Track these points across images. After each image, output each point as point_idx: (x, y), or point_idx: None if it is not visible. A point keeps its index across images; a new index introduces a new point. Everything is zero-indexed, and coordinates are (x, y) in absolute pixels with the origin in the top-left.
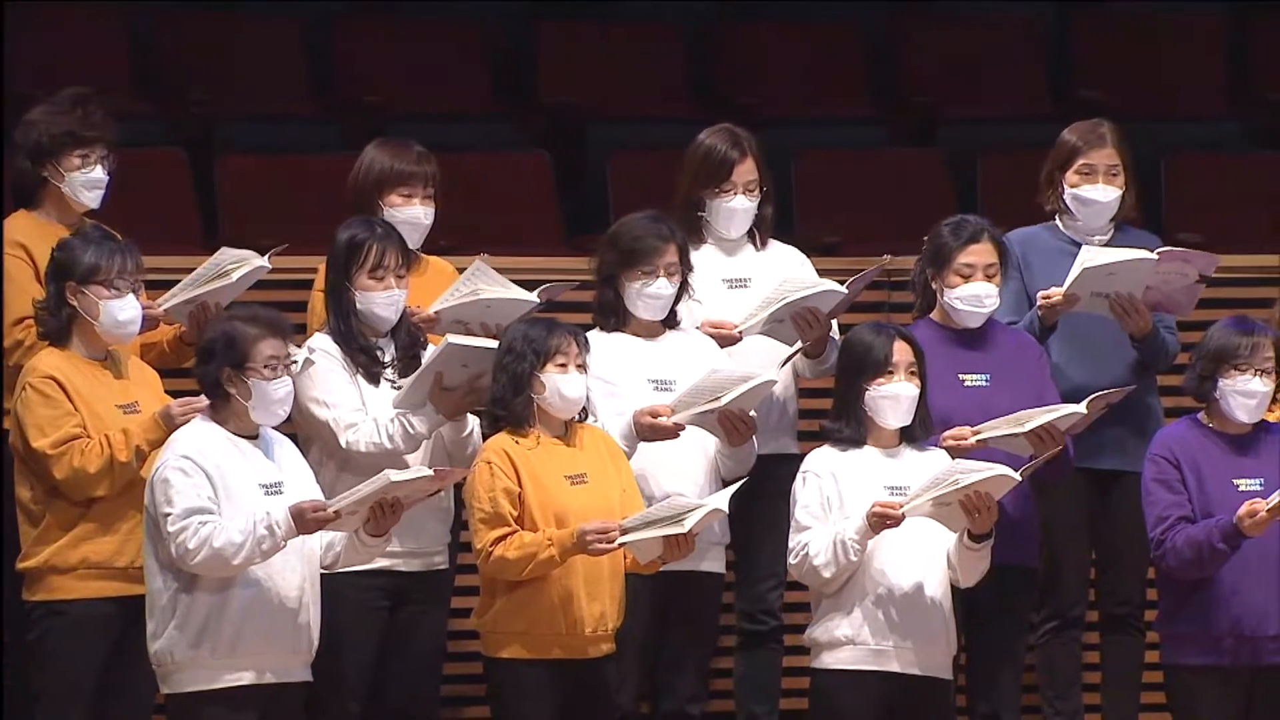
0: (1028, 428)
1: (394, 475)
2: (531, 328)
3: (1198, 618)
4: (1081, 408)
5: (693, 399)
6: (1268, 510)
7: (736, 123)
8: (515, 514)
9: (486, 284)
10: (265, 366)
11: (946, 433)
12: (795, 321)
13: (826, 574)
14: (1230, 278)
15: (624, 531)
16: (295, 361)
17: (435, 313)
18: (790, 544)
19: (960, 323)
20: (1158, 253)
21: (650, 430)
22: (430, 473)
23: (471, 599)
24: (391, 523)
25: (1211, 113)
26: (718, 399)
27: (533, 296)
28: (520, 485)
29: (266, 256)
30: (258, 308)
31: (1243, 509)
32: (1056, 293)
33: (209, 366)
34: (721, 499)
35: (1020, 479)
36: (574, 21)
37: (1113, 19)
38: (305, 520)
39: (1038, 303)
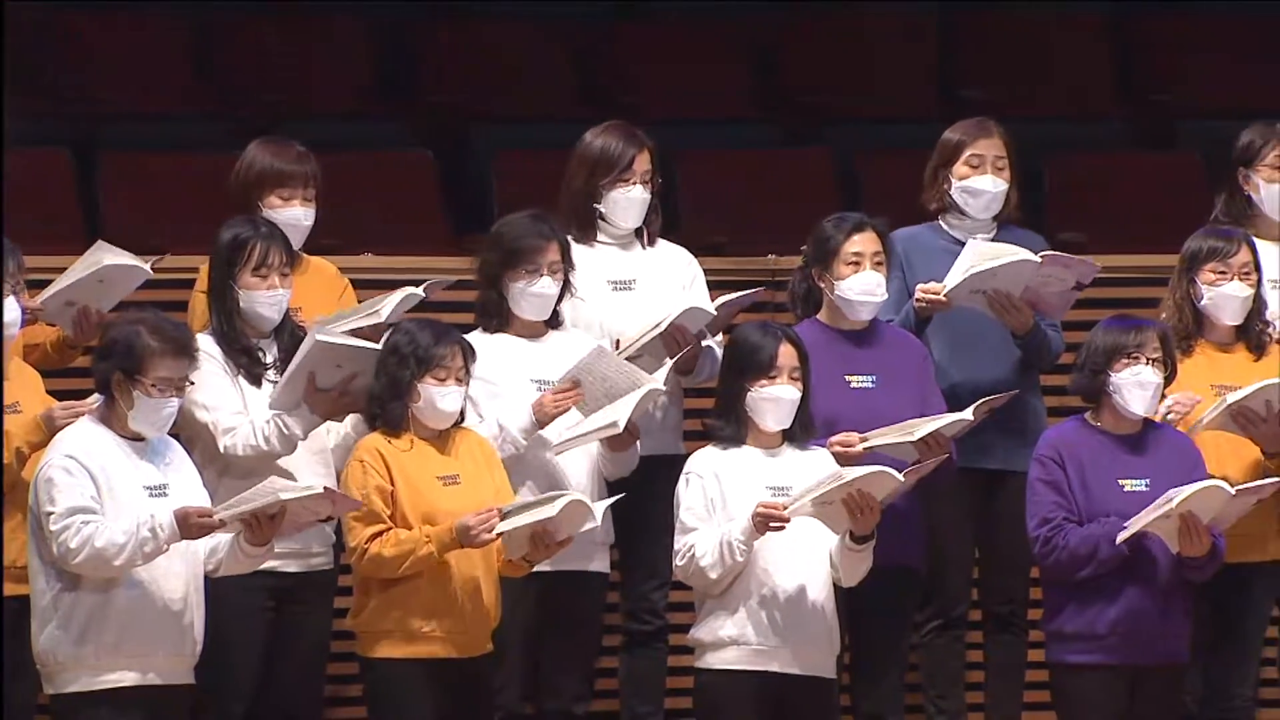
0: (916, 436)
1: (283, 493)
2: (421, 332)
3: (1081, 616)
4: (969, 415)
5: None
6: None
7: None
8: (389, 512)
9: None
10: (154, 385)
11: (834, 438)
12: (664, 339)
13: (713, 575)
14: (1114, 278)
15: (503, 518)
16: (192, 383)
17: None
18: (676, 545)
19: (852, 315)
20: (1041, 256)
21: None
22: (320, 489)
23: (350, 599)
24: (270, 533)
25: (1095, 113)
26: (614, 423)
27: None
28: (392, 484)
29: (150, 264)
30: (168, 322)
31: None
32: (935, 288)
33: (102, 365)
34: (598, 507)
35: (903, 480)
36: (459, 20)
37: (997, 19)
38: (189, 525)
39: (915, 295)
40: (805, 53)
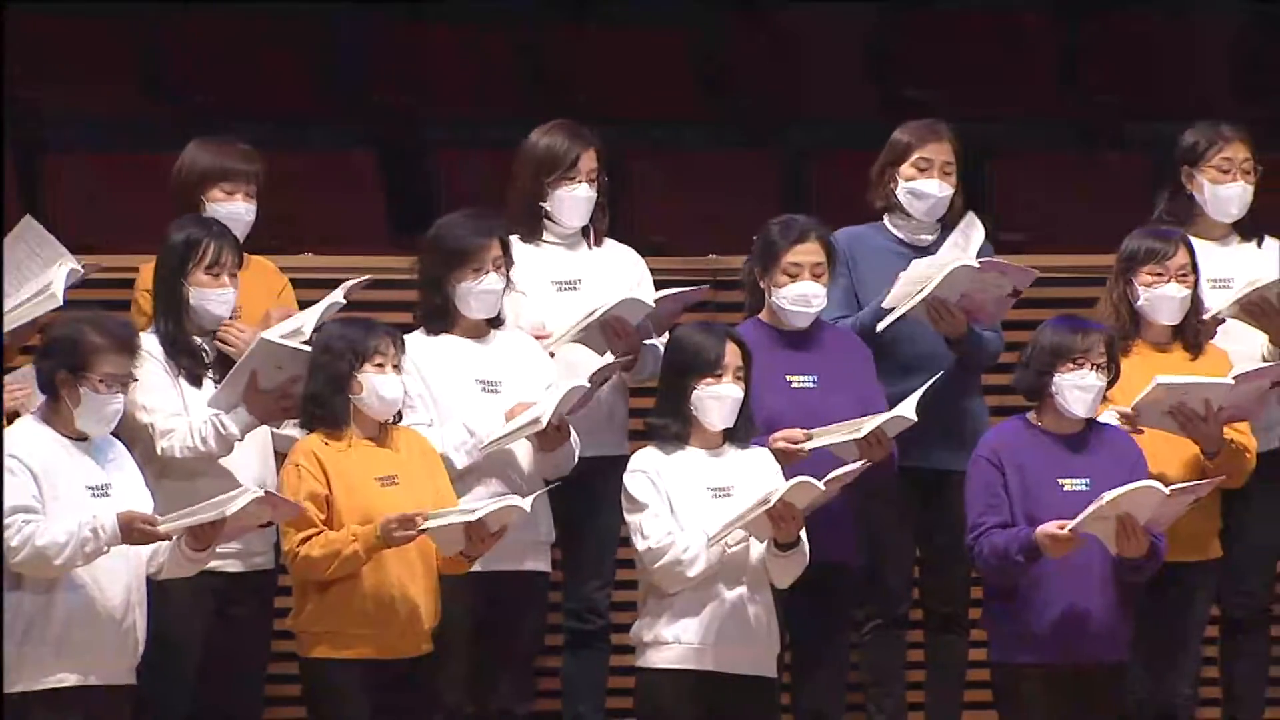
0: (862, 433)
1: (228, 509)
2: (348, 328)
3: (1023, 616)
4: (911, 414)
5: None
6: (1065, 536)
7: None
8: (322, 517)
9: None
10: (101, 381)
11: (777, 434)
12: (604, 332)
13: (691, 573)
14: (1057, 277)
15: (427, 519)
16: (136, 380)
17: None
18: (646, 534)
19: (787, 323)
20: (979, 262)
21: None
22: (261, 493)
23: (293, 599)
24: (212, 537)
25: (1039, 113)
26: (538, 420)
27: (339, 296)
28: (329, 488)
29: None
30: (112, 319)
31: (1046, 528)
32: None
33: (46, 363)
34: (525, 500)
35: (824, 488)
36: (404, 20)
37: (940, 20)
38: (131, 531)
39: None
40: (749, 53)
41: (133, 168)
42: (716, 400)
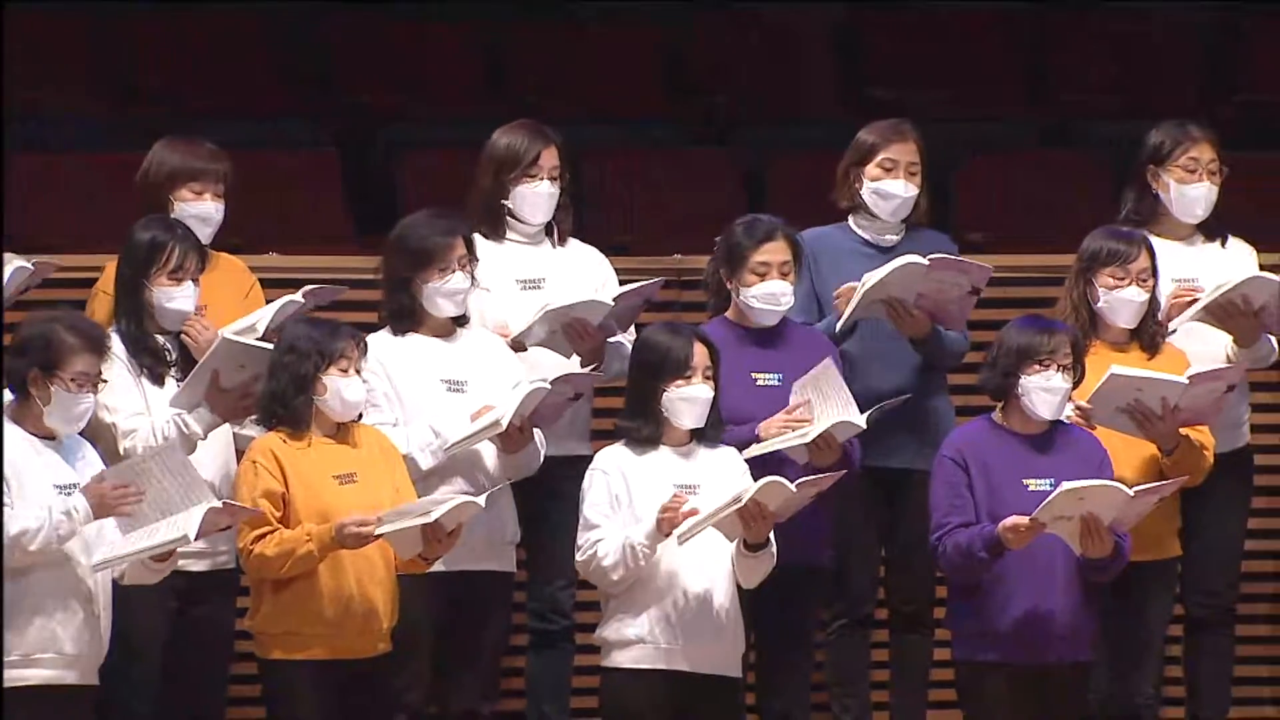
0: (809, 437)
1: (190, 531)
2: (315, 329)
3: (987, 615)
4: (860, 420)
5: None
6: (1027, 525)
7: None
8: (278, 514)
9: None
10: (73, 380)
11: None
12: (567, 333)
13: (614, 575)
14: (1021, 277)
15: (381, 523)
16: (105, 380)
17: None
18: (579, 541)
19: (756, 321)
20: (930, 259)
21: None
22: (219, 504)
23: None
24: (173, 551)
25: (1004, 113)
26: (498, 422)
27: (298, 297)
28: (286, 486)
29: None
30: (83, 319)
31: (1007, 521)
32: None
33: (18, 362)
34: (480, 497)
35: (795, 490)
36: (367, 19)
37: (905, 20)
38: (104, 502)
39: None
40: (712, 53)
41: (98, 167)
42: (687, 402)
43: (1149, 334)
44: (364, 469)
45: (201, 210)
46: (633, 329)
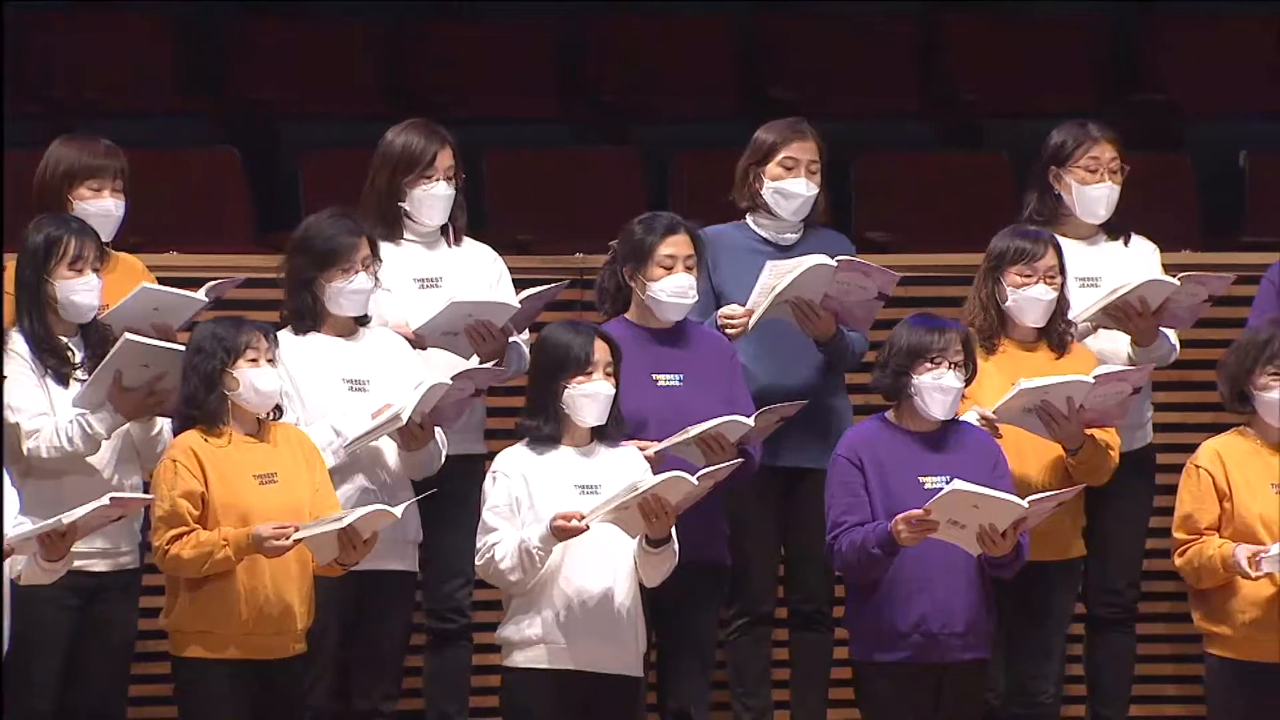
0: (692, 435)
1: (67, 518)
2: (219, 326)
3: (885, 614)
4: (750, 421)
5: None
6: (919, 519)
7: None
8: (196, 514)
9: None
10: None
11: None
12: (468, 334)
13: (512, 578)
14: (920, 277)
15: (298, 531)
16: (4, 377)
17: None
18: (478, 544)
19: (662, 316)
20: (838, 261)
21: None
22: (106, 502)
23: (160, 598)
24: (64, 549)
25: (902, 112)
26: (398, 416)
27: (200, 295)
28: (206, 485)
29: None
30: None
31: (899, 517)
32: (738, 312)
33: None
34: (397, 508)
35: (697, 484)
36: (266, 17)
37: (804, 18)
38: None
39: (717, 319)
40: (611, 51)
41: None
42: (588, 398)
43: (1057, 333)
44: (284, 469)
45: (101, 207)
46: (527, 330)
